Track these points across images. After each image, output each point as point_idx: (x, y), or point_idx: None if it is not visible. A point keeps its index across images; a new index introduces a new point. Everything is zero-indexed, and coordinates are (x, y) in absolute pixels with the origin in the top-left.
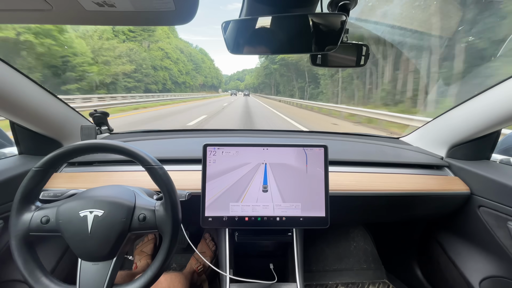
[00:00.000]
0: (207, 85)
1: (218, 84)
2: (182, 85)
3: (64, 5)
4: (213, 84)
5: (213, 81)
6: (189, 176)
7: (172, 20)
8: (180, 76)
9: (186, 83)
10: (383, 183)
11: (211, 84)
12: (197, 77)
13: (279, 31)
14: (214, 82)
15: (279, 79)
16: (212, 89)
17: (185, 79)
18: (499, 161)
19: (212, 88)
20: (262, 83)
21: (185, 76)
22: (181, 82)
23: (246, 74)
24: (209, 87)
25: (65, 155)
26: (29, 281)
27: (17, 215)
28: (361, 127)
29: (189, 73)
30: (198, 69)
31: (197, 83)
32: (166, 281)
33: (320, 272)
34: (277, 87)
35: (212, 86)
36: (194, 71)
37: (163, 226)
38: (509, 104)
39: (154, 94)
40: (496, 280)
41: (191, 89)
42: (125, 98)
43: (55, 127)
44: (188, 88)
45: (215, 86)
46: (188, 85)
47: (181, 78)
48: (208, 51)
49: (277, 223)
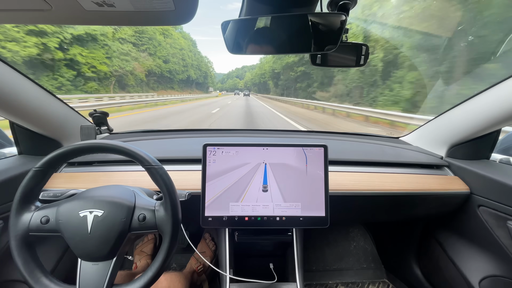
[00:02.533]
0: (192, 80)
1: (204, 80)
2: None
3: (64, 5)
4: (199, 81)
5: (197, 74)
6: (189, 176)
7: (172, 20)
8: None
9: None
10: (383, 182)
11: (200, 80)
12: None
13: (279, 30)
14: (202, 78)
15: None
16: (198, 88)
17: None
18: (499, 160)
19: (198, 86)
20: (270, 79)
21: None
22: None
23: (246, 71)
24: (198, 85)
25: (65, 155)
26: (29, 281)
27: (17, 215)
28: None
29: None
30: (174, 58)
31: (179, 77)
32: (166, 281)
33: (320, 272)
34: (287, 87)
35: (198, 84)
36: (180, 62)
37: (163, 226)
38: (509, 104)
39: None
40: (496, 280)
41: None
42: None
43: (54, 127)
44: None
45: (200, 84)
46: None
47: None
48: (208, 51)
49: (277, 223)
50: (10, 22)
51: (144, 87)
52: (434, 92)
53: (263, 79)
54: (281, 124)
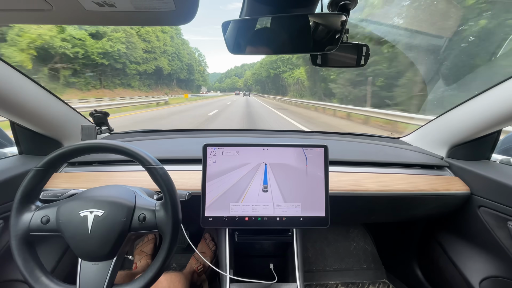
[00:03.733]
0: (168, 75)
1: (189, 76)
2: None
3: (65, 5)
4: (188, 78)
5: (176, 67)
6: (189, 176)
7: (172, 20)
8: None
9: None
10: (383, 183)
11: (182, 76)
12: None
13: (280, 31)
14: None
15: None
16: (182, 86)
17: None
18: (499, 161)
19: (181, 84)
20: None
21: None
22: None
23: (246, 70)
24: (181, 83)
25: (65, 155)
26: (29, 281)
27: (17, 215)
28: None
29: None
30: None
31: (141, 69)
32: (166, 281)
33: (320, 272)
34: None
35: (181, 81)
36: (140, 45)
37: (163, 226)
38: (509, 105)
39: None
40: (496, 280)
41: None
42: None
43: (55, 127)
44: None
45: (183, 81)
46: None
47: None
48: (208, 51)
49: (277, 223)
50: (11, 22)
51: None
52: None
53: (275, 71)
54: None
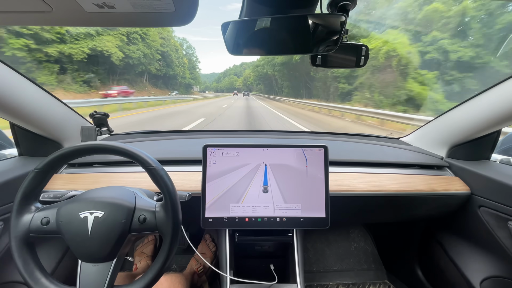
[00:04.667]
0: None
1: (171, 72)
2: None
3: (64, 7)
4: (165, 74)
5: (147, 59)
6: (189, 177)
7: (172, 22)
8: None
9: None
10: (384, 183)
11: (161, 71)
12: None
13: (279, 32)
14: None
15: None
16: (164, 86)
17: None
18: (499, 161)
19: (162, 81)
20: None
21: None
22: None
23: (246, 69)
24: (165, 81)
25: (65, 157)
26: (29, 282)
27: (17, 216)
28: None
29: None
30: None
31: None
32: (166, 282)
33: (321, 273)
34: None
35: (164, 78)
36: None
37: (163, 227)
38: (509, 104)
39: None
40: (497, 280)
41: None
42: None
43: (55, 128)
44: None
45: (165, 78)
46: None
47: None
48: (208, 51)
49: (277, 223)
50: (10, 23)
51: None
52: None
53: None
54: None
